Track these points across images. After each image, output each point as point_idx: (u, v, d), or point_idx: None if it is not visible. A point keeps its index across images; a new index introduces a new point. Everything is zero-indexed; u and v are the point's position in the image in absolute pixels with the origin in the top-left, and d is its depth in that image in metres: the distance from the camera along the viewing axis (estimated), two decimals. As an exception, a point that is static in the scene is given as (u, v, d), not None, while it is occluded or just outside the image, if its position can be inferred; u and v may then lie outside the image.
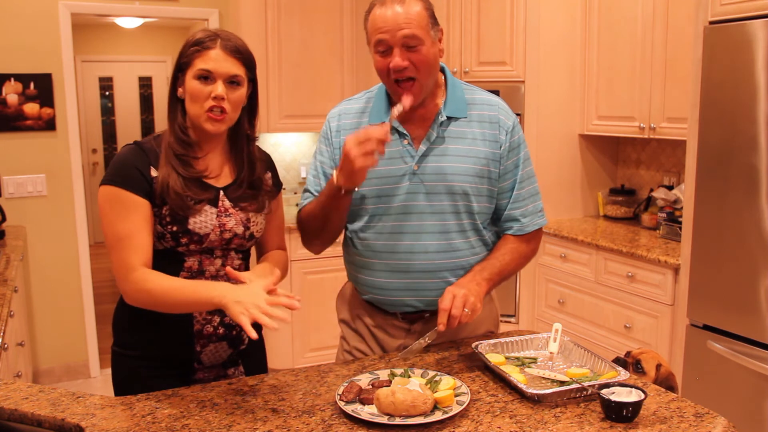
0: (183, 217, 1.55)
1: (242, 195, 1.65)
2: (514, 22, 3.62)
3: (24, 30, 3.79)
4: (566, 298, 3.52)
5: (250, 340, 1.68)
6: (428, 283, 1.71)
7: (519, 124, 1.76)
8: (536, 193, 1.80)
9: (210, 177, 1.63)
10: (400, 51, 1.59)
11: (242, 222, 1.63)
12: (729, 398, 2.60)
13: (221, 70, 1.54)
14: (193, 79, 1.55)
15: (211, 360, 1.66)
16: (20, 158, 3.85)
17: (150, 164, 1.57)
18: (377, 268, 1.73)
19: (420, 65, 1.60)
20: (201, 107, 1.55)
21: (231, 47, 1.56)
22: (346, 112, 1.80)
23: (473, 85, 1.80)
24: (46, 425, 1.35)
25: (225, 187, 1.64)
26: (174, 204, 1.54)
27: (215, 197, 1.61)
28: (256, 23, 4.02)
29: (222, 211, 1.61)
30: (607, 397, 1.31)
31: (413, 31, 1.57)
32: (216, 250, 1.62)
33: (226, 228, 1.61)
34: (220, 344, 1.64)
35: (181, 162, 1.58)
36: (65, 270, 4.06)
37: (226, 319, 1.62)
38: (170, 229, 1.55)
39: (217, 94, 1.53)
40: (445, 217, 1.69)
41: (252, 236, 1.67)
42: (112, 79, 7.86)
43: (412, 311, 1.76)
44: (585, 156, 3.91)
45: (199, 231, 1.56)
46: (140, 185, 1.54)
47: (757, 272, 2.48)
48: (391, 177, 1.68)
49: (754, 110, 2.46)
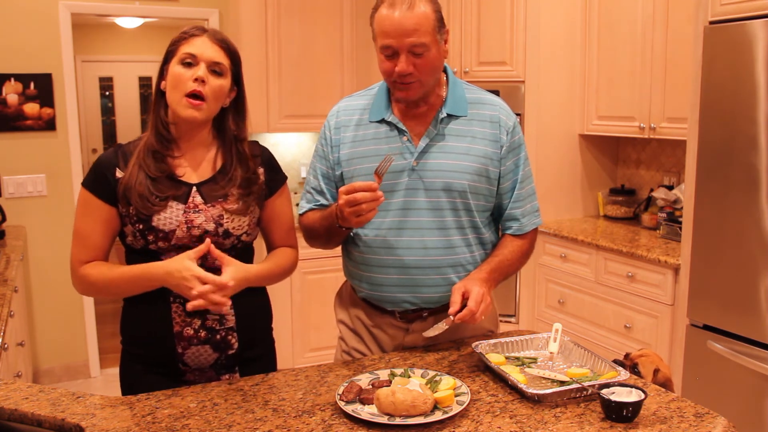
0: (146, 215, 1.56)
1: (217, 192, 1.62)
2: (514, 22, 3.62)
3: (24, 30, 3.79)
4: (566, 298, 3.52)
5: (240, 345, 1.65)
6: (425, 279, 1.71)
7: (519, 124, 1.77)
8: (534, 193, 1.82)
9: (183, 174, 1.62)
10: (407, 57, 1.59)
11: (213, 219, 1.60)
12: (729, 398, 2.60)
13: (205, 54, 1.56)
14: (176, 65, 1.57)
15: (196, 363, 1.63)
16: (20, 158, 3.85)
17: (116, 166, 1.60)
18: (374, 263, 1.73)
19: (424, 69, 1.61)
20: (180, 92, 1.55)
21: (218, 37, 1.60)
22: (345, 108, 1.80)
23: (474, 85, 1.81)
24: (46, 425, 1.35)
25: (199, 183, 1.63)
26: (136, 204, 1.56)
27: (185, 194, 1.60)
28: (256, 23, 4.02)
29: (191, 208, 1.59)
30: (607, 397, 1.31)
31: (420, 39, 1.57)
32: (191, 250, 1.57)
33: (194, 224, 1.58)
34: (203, 347, 1.61)
35: (154, 159, 1.59)
36: (65, 270, 4.00)
37: (207, 322, 1.61)
38: (138, 227, 1.57)
39: (198, 75, 1.54)
40: (442, 214, 1.70)
41: (228, 233, 1.62)
42: (112, 79, 7.87)
43: (409, 309, 1.76)
44: (585, 156, 3.90)
45: (163, 227, 1.56)
46: (103, 188, 1.59)
47: (757, 272, 2.48)
48: (391, 173, 1.66)
49: (754, 110, 2.46)
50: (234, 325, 1.64)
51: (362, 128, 1.74)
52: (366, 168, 1.70)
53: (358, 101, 1.80)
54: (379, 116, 1.72)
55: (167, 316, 1.59)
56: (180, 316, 1.59)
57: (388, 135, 1.71)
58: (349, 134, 1.75)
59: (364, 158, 1.72)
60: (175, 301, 1.58)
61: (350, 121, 1.77)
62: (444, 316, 1.60)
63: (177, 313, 1.59)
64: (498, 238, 1.83)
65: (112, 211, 1.59)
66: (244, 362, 1.70)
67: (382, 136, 1.72)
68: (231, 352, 1.65)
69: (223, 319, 1.62)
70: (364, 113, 1.76)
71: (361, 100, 1.79)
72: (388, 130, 1.72)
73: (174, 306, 1.59)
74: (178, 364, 1.62)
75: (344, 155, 1.75)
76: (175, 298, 1.58)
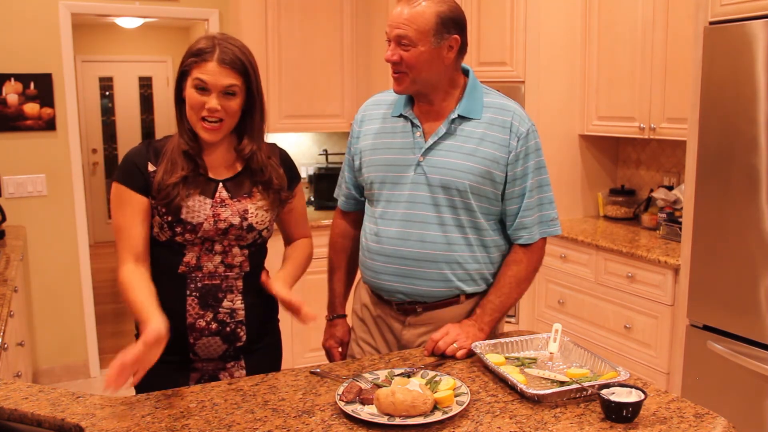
0: (176, 207, 1.63)
1: (243, 188, 1.72)
2: (514, 22, 3.61)
3: (24, 30, 3.79)
4: (566, 298, 3.52)
5: (247, 338, 1.74)
6: (420, 272, 1.75)
7: (536, 131, 1.78)
8: (548, 203, 1.82)
9: (210, 171, 1.70)
10: (393, 45, 1.70)
11: (239, 213, 1.68)
12: (729, 398, 2.60)
13: (216, 83, 1.60)
14: (191, 88, 1.62)
15: (206, 353, 1.71)
16: (20, 158, 3.85)
17: (148, 160, 1.68)
18: (376, 251, 1.81)
19: (409, 63, 1.69)
20: (197, 114, 1.63)
21: (227, 60, 1.61)
22: (374, 102, 1.92)
23: (496, 91, 1.84)
24: (46, 425, 1.35)
25: (225, 179, 1.71)
26: (169, 197, 1.63)
27: (213, 189, 1.69)
28: (256, 23, 4.02)
29: (218, 202, 1.68)
30: (607, 397, 1.31)
31: (406, 32, 1.67)
32: (216, 245, 1.68)
33: (221, 218, 1.67)
34: (213, 339, 1.69)
35: (186, 158, 1.66)
36: (65, 270, 4.06)
37: (219, 315, 1.69)
38: (166, 219, 1.65)
39: (210, 106, 1.61)
40: (441, 210, 1.74)
41: (251, 228, 1.70)
42: (112, 79, 7.86)
43: (404, 301, 1.81)
44: (585, 156, 3.91)
45: (191, 220, 1.65)
46: (136, 181, 1.66)
47: (757, 272, 2.48)
48: (399, 165, 1.77)
49: (754, 111, 2.46)
50: (243, 319, 1.72)
51: (385, 122, 1.84)
52: (374, 159, 1.82)
53: (388, 97, 1.89)
54: (399, 111, 1.81)
55: (181, 308, 1.66)
56: (194, 309, 1.67)
57: (403, 130, 1.80)
58: (373, 126, 1.86)
59: (375, 150, 1.83)
60: (191, 294, 1.67)
61: (376, 115, 1.87)
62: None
63: (191, 305, 1.67)
64: (507, 244, 1.84)
65: (145, 201, 1.66)
66: (249, 352, 1.77)
67: (398, 131, 1.80)
68: (239, 344, 1.73)
69: (233, 313, 1.70)
70: (390, 107, 1.85)
71: (391, 96, 1.88)
72: (405, 125, 1.80)
73: (189, 299, 1.67)
74: (188, 354, 1.70)
75: (362, 146, 1.86)
76: (191, 292, 1.67)
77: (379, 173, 1.80)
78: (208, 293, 1.68)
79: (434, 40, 1.67)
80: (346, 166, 1.97)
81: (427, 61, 1.69)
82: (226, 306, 1.69)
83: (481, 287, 1.80)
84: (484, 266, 1.79)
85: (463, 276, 1.77)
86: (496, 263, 1.82)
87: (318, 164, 4.63)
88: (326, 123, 4.33)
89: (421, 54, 1.67)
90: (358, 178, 1.90)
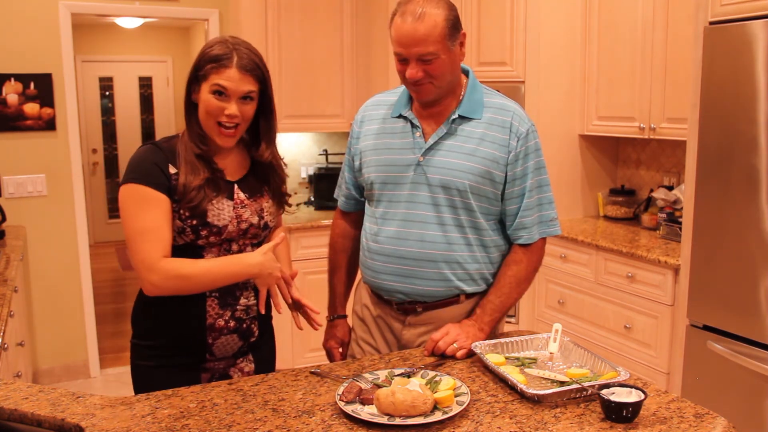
0: (202, 211, 1.62)
1: (255, 188, 1.75)
2: (514, 22, 3.61)
3: (24, 30, 3.79)
4: (566, 298, 3.52)
5: (260, 332, 1.77)
6: (420, 272, 1.76)
7: (536, 131, 1.78)
8: (548, 203, 1.83)
9: (224, 173, 1.71)
10: (416, 64, 1.66)
11: (257, 212, 1.73)
12: (729, 398, 2.60)
13: (236, 89, 1.61)
14: (208, 93, 1.61)
15: (222, 352, 1.72)
16: (20, 158, 3.85)
17: (168, 161, 1.64)
18: (376, 251, 1.81)
19: (435, 74, 1.67)
20: (213, 120, 1.63)
21: (247, 66, 1.62)
22: (374, 103, 1.91)
23: (495, 91, 1.84)
24: (46, 425, 1.35)
25: (239, 180, 1.74)
26: (194, 200, 1.61)
27: (230, 191, 1.71)
28: (256, 23, 4.02)
29: (238, 203, 1.70)
30: (607, 397, 1.31)
31: (428, 48, 1.63)
32: (233, 243, 1.70)
33: (243, 219, 1.70)
34: (230, 337, 1.71)
35: (200, 161, 1.66)
36: (65, 270, 4.05)
37: (236, 312, 1.70)
38: (190, 223, 1.63)
39: (230, 113, 1.61)
40: (440, 210, 1.74)
41: (266, 225, 1.76)
42: (112, 79, 7.86)
43: (404, 301, 1.81)
44: (585, 156, 3.91)
45: (217, 223, 1.65)
46: (160, 181, 1.62)
47: (757, 272, 2.48)
48: (399, 166, 1.77)
49: (754, 111, 2.46)
50: (256, 314, 1.75)
51: (385, 122, 1.84)
52: (374, 160, 1.81)
53: (388, 97, 1.88)
54: (399, 112, 1.81)
55: (202, 309, 1.67)
56: (213, 309, 1.68)
57: (403, 130, 1.79)
58: (373, 127, 1.85)
59: (375, 150, 1.82)
60: (211, 296, 1.67)
61: (376, 115, 1.87)
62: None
63: (211, 306, 1.68)
64: (507, 244, 1.84)
65: (169, 202, 1.62)
66: (256, 347, 1.81)
67: (398, 131, 1.80)
68: (252, 340, 1.76)
69: (248, 309, 1.73)
70: (390, 108, 1.85)
71: (391, 96, 1.88)
72: (405, 125, 1.80)
73: (209, 300, 1.68)
74: (205, 354, 1.70)
75: (362, 147, 1.87)
76: (211, 293, 1.67)
77: (379, 173, 1.80)
78: (227, 293, 1.69)
79: (450, 44, 1.67)
80: (346, 167, 1.98)
81: (449, 65, 1.69)
82: (242, 303, 1.72)
83: (481, 287, 1.80)
84: (484, 266, 1.79)
85: (463, 276, 1.77)
86: (495, 263, 1.82)
87: (318, 164, 4.63)
88: (326, 123, 4.33)
89: (444, 62, 1.67)
90: (358, 178, 1.90)
